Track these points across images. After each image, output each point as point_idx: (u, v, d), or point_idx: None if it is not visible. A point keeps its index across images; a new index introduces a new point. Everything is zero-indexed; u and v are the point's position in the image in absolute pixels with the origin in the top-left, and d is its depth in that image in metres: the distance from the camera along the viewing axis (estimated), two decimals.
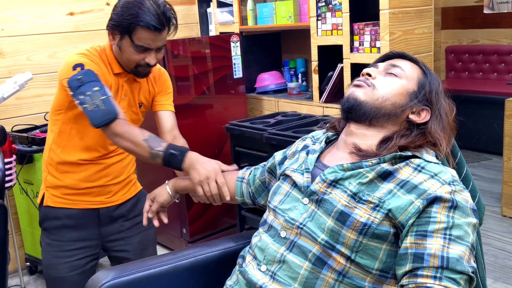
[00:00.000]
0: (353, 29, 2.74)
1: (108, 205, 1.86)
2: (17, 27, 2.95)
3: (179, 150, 1.55)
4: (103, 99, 1.55)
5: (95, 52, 1.72)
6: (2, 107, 2.84)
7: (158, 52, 1.69)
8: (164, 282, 1.41)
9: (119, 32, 1.64)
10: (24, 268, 3.03)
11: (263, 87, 3.45)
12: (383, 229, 1.09)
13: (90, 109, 1.55)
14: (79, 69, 1.60)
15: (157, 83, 1.88)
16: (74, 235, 1.83)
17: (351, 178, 1.16)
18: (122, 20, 1.61)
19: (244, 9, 3.43)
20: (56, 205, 1.83)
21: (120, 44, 1.67)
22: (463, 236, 1.05)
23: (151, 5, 1.60)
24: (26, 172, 2.80)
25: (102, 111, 1.54)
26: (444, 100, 1.27)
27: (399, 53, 1.34)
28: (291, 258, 1.16)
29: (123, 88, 1.77)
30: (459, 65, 5.14)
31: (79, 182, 1.80)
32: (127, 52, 1.66)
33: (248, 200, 1.54)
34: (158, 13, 1.60)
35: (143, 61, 1.67)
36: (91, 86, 1.57)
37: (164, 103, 1.89)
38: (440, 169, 1.14)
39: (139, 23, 1.58)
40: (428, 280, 1.01)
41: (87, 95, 1.55)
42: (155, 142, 1.57)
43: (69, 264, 1.82)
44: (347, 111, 1.26)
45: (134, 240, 1.92)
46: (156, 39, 1.63)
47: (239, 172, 1.57)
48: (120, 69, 1.74)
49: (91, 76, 1.59)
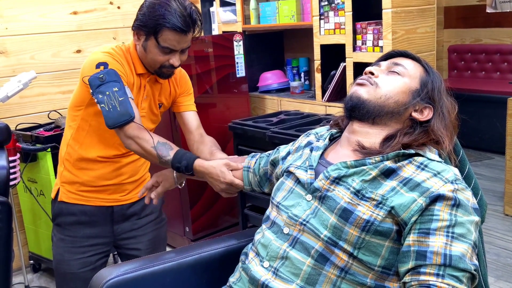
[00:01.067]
0: (355, 28, 2.74)
1: (122, 203, 1.88)
2: (21, 26, 2.96)
3: (184, 166, 1.55)
4: (121, 100, 1.55)
5: (120, 51, 1.71)
6: (6, 105, 2.86)
7: (183, 54, 1.69)
8: (167, 279, 1.42)
9: (144, 32, 1.64)
10: (28, 266, 3.05)
11: (265, 86, 3.45)
12: (385, 226, 1.10)
13: (106, 109, 1.55)
14: (102, 67, 1.60)
15: (179, 85, 1.88)
16: (88, 231, 1.84)
17: (354, 175, 1.17)
18: (148, 20, 1.60)
19: (247, 8, 3.44)
20: (71, 201, 1.84)
21: (145, 44, 1.66)
22: (465, 234, 1.05)
23: (177, 6, 1.59)
24: (30, 170, 2.81)
25: (118, 112, 1.54)
26: (446, 98, 1.28)
27: (402, 52, 1.34)
28: (294, 254, 1.16)
29: (145, 88, 1.77)
30: (462, 64, 5.13)
31: (95, 179, 1.81)
32: (152, 52, 1.66)
33: (256, 188, 1.57)
34: (185, 14, 1.59)
35: (167, 62, 1.66)
36: (112, 86, 1.56)
37: (187, 104, 1.91)
38: (443, 167, 1.14)
39: (166, 24, 1.57)
40: (430, 277, 1.02)
41: (106, 95, 1.55)
42: (163, 150, 1.58)
43: (81, 260, 1.84)
44: (351, 110, 1.27)
45: (145, 239, 1.94)
46: (182, 40, 1.63)
47: (244, 162, 1.59)
48: (143, 69, 1.74)
49: (113, 76, 1.58)
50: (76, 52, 3.16)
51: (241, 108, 3.28)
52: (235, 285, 1.28)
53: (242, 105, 3.30)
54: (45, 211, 2.76)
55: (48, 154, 2.70)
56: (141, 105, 1.77)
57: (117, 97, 1.54)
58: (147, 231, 1.94)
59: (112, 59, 1.64)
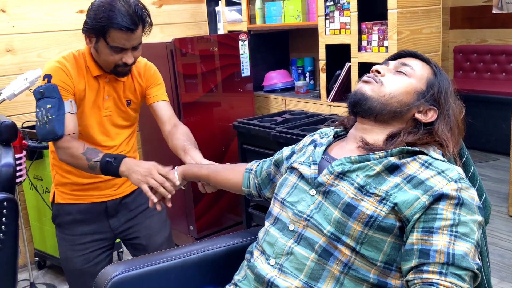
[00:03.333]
0: (361, 28, 2.74)
1: (114, 197, 1.92)
2: (27, 25, 2.98)
3: (114, 157, 1.64)
4: (50, 118, 1.65)
5: (71, 58, 1.76)
6: (13, 103, 2.87)
7: (135, 50, 1.72)
8: (172, 276, 1.43)
9: (94, 35, 1.68)
10: (33, 263, 3.07)
11: (270, 85, 3.46)
12: (388, 222, 1.10)
13: (38, 125, 1.67)
14: (46, 80, 1.70)
15: (144, 78, 1.90)
16: (85, 229, 1.89)
17: (358, 171, 1.18)
18: (95, 23, 1.64)
19: (253, 7, 3.45)
20: (66, 201, 1.89)
21: (96, 46, 1.70)
22: (468, 233, 1.06)
23: (122, 5, 1.62)
24: (35, 168, 2.83)
25: (46, 130, 1.66)
26: (453, 101, 1.27)
27: (411, 52, 1.35)
28: (298, 250, 1.17)
29: (104, 89, 1.81)
30: (467, 65, 5.12)
31: (82, 178, 1.85)
32: (103, 53, 1.70)
33: (254, 192, 1.56)
34: (130, 13, 1.62)
35: (120, 61, 1.70)
36: (47, 103, 1.66)
37: (156, 94, 1.92)
38: (447, 166, 1.15)
39: (112, 25, 1.61)
40: (433, 276, 1.02)
41: (41, 110, 1.67)
42: (92, 154, 1.66)
43: (83, 257, 1.88)
44: (353, 105, 1.28)
45: (142, 226, 1.97)
46: (130, 38, 1.66)
47: (247, 164, 1.60)
48: (99, 71, 1.78)
49: (52, 92, 1.67)
50: None
51: (246, 107, 3.29)
52: (240, 283, 1.28)
53: (247, 104, 3.30)
54: (50, 208, 2.76)
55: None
56: (104, 105, 1.82)
57: (48, 115, 1.65)
58: (143, 219, 1.97)
59: (58, 70, 1.71)
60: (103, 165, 1.64)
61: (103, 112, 1.82)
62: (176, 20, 3.61)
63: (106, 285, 1.33)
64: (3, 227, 1.71)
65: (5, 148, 1.87)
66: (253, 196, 1.58)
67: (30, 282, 2.79)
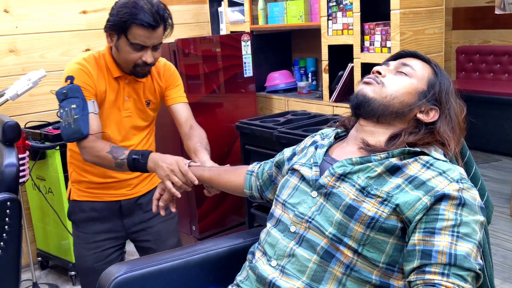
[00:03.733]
0: (363, 29, 2.74)
1: (129, 197, 1.94)
2: (31, 25, 2.99)
3: (141, 154, 1.66)
4: (76, 118, 1.66)
5: (92, 60, 1.78)
6: (16, 103, 2.88)
7: (155, 50, 1.73)
8: (174, 277, 1.44)
9: (115, 32, 1.70)
10: (36, 263, 3.08)
11: (273, 86, 3.46)
12: (390, 223, 1.11)
13: (63, 125, 1.68)
14: (68, 81, 1.71)
15: (163, 79, 1.91)
16: (99, 227, 1.92)
17: (359, 172, 1.18)
18: (118, 20, 1.66)
19: (255, 8, 3.45)
20: (81, 199, 1.92)
21: (117, 44, 1.72)
22: (470, 234, 1.06)
23: (145, 3, 1.65)
24: (38, 168, 2.84)
25: (72, 129, 1.67)
26: (454, 100, 1.27)
27: (411, 52, 1.35)
28: (300, 252, 1.17)
29: (125, 90, 1.82)
30: (470, 65, 5.12)
31: (98, 177, 1.87)
32: (124, 51, 1.71)
33: (256, 193, 1.57)
34: (152, 11, 1.65)
35: (140, 60, 1.71)
36: (71, 103, 1.67)
37: (174, 96, 1.94)
38: (449, 166, 1.15)
39: (134, 21, 1.64)
40: (435, 276, 1.02)
41: (65, 111, 1.68)
42: (119, 152, 1.67)
43: (96, 255, 1.91)
44: (356, 107, 1.28)
45: (154, 230, 1.98)
46: (151, 36, 1.67)
47: (249, 166, 1.61)
48: (119, 72, 1.79)
49: (75, 92, 1.69)
50: (85, 51, 3.18)
51: (248, 108, 3.29)
52: (242, 283, 1.29)
53: (249, 105, 3.31)
54: (53, 209, 2.78)
55: (57, 152, 2.73)
56: (124, 106, 1.83)
57: (73, 114, 1.66)
58: (155, 223, 1.99)
59: (80, 72, 1.72)
60: (131, 162, 1.66)
61: (123, 113, 1.84)
62: (178, 20, 3.61)
63: (109, 285, 1.34)
64: (6, 227, 1.72)
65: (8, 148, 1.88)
66: (255, 198, 1.59)
67: (32, 282, 2.79)
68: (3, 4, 2.88)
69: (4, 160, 1.82)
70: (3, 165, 1.80)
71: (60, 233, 2.86)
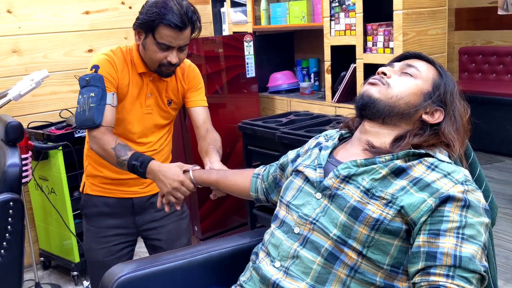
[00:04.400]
0: (366, 29, 2.74)
1: (142, 195, 1.95)
2: (33, 25, 2.99)
3: (140, 161, 1.65)
4: (91, 106, 1.67)
5: (120, 52, 1.80)
6: (18, 104, 2.89)
7: (181, 52, 1.74)
8: (177, 277, 1.44)
9: (143, 30, 1.72)
10: (38, 263, 3.08)
11: (275, 86, 3.46)
12: (395, 225, 1.10)
13: (78, 111, 1.69)
14: (93, 70, 1.72)
15: (186, 80, 1.92)
16: (110, 222, 1.94)
17: (364, 174, 1.17)
18: (147, 18, 1.68)
19: (258, 9, 3.45)
20: (94, 193, 1.94)
21: (144, 43, 1.73)
22: (475, 236, 1.06)
23: (174, 4, 1.67)
24: (41, 168, 2.84)
25: (85, 117, 1.68)
26: (459, 101, 1.27)
27: (416, 54, 1.34)
28: (304, 253, 1.17)
29: (148, 86, 1.83)
30: (473, 66, 5.11)
31: (113, 173, 1.88)
32: (150, 50, 1.72)
33: (261, 196, 1.57)
34: (181, 12, 1.66)
35: (165, 60, 1.72)
36: (90, 91, 1.69)
37: (194, 99, 1.95)
38: (453, 168, 1.15)
39: (162, 21, 1.65)
40: (440, 278, 1.02)
41: (84, 97, 1.69)
42: (122, 151, 1.68)
43: (106, 249, 1.93)
44: (361, 108, 1.28)
45: (165, 230, 2.00)
46: (178, 37, 1.68)
47: (255, 169, 1.61)
48: (144, 68, 1.81)
49: (97, 81, 1.70)
50: (88, 51, 3.19)
51: (251, 108, 3.29)
52: (245, 284, 1.29)
53: (252, 105, 3.31)
54: (55, 209, 2.79)
55: (60, 152, 2.73)
56: (146, 102, 1.84)
57: (89, 102, 1.67)
58: (167, 222, 2.00)
59: (106, 62, 1.74)
60: (130, 167, 1.67)
61: (144, 110, 1.85)
62: None
63: (112, 285, 1.34)
64: (9, 227, 1.72)
65: (11, 149, 1.88)
66: (261, 201, 1.59)
67: (35, 282, 2.80)
68: (6, 5, 2.89)
69: (7, 160, 1.82)
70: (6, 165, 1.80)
71: (63, 233, 2.86)
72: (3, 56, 2.90)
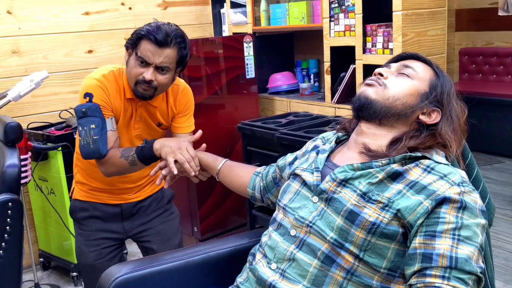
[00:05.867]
0: (365, 30, 2.74)
1: (130, 201, 1.97)
2: (33, 26, 2.99)
3: (145, 141, 1.72)
4: (95, 139, 1.69)
5: (112, 77, 1.78)
6: (18, 104, 2.89)
7: (161, 73, 1.70)
8: (175, 277, 1.44)
9: (131, 47, 1.72)
10: (38, 264, 3.08)
11: (275, 87, 3.46)
12: (391, 228, 1.10)
13: (82, 144, 1.71)
14: (87, 99, 1.73)
15: (177, 105, 1.91)
16: (100, 225, 1.95)
17: (361, 178, 1.17)
18: (135, 35, 1.70)
19: (257, 9, 3.45)
20: (83, 199, 1.95)
21: (128, 60, 1.74)
22: (471, 237, 1.05)
23: (162, 24, 1.69)
24: (40, 169, 2.84)
25: (91, 149, 1.70)
26: (456, 102, 1.27)
27: (412, 54, 1.34)
28: (301, 256, 1.17)
29: (137, 111, 1.83)
30: (473, 67, 5.10)
31: (100, 183, 1.91)
32: (130, 65, 1.72)
33: (257, 194, 1.58)
34: (167, 32, 1.66)
35: (141, 76, 1.69)
36: (90, 122, 1.70)
37: (181, 126, 1.93)
38: (450, 170, 1.14)
39: (145, 36, 1.66)
40: (436, 279, 1.02)
41: (84, 130, 1.70)
42: (127, 151, 1.72)
43: (96, 252, 1.94)
44: (358, 109, 1.28)
45: (155, 231, 2.01)
46: (157, 53, 1.66)
47: (258, 168, 1.62)
48: (133, 94, 1.78)
49: (94, 111, 1.71)
50: (88, 52, 3.19)
51: (250, 109, 3.29)
52: (242, 285, 1.29)
53: (251, 106, 3.31)
54: (55, 210, 2.79)
55: (59, 153, 2.73)
56: (135, 126, 1.85)
57: (92, 135, 1.69)
58: (156, 224, 2.01)
59: (99, 89, 1.73)
60: (139, 152, 1.69)
61: (133, 132, 1.86)
62: (181, 22, 3.61)
63: (110, 285, 1.34)
64: (8, 227, 1.72)
65: (10, 149, 1.89)
66: (256, 200, 1.59)
67: (34, 282, 2.80)
68: (6, 5, 2.89)
69: (5, 161, 1.82)
70: (4, 166, 1.80)
71: (62, 234, 2.86)
72: (3, 57, 2.90)
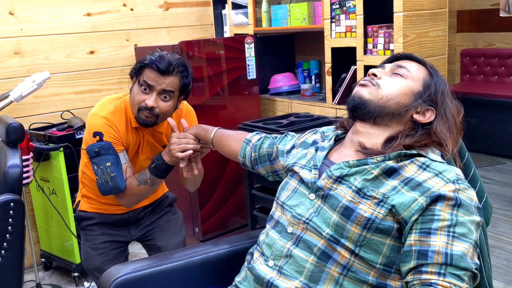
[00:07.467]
0: (366, 31, 2.75)
1: (136, 207, 2.01)
2: (35, 27, 3.00)
3: (154, 160, 1.76)
4: (112, 176, 1.73)
5: (119, 111, 1.80)
6: (20, 105, 2.90)
7: (163, 100, 1.73)
8: (175, 278, 1.44)
9: (135, 75, 1.76)
10: (39, 264, 3.09)
11: (276, 88, 3.47)
12: (386, 224, 1.11)
13: (100, 182, 1.75)
14: (97, 138, 1.76)
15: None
16: (106, 230, 2.00)
17: (356, 175, 1.18)
18: (138, 64, 1.74)
19: (259, 11, 3.46)
20: (90, 210, 1.99)
21: (132, 88, 1.77)
22: (466, 234, 1.06)
23: (166, 53, 1.73)
24: (42, 169, 2.85)
25: (109, 187, 1.74)
26: (450, 101, 1.28)
27: (406, 55, 1.36)
28: (297, 252, 1.18)
29: (144, 138, 1.88)
30: (474, 68, 5.10)
31: (108, 200, 1.93)
32: (133, 93, 1.75)
33: (248, 163, 1.61)
34: (170, 60, 1.70)
35: (144, 103, 1.71)
36: (105, 161, 1.73)
37: None
38: (445, 167, 1.15)
39: (148, 64, 1.70)
40: (432, 276, 1.03)
41: (100, 169, 1.73)
42: (143, 176, 1.78)
43: (103, 254, 1.97)
44: (353, 109, 1.30)
45: (160, 229, 2.06)
46: (160, 80, 1.69)
47: (248, 134, 1.64)
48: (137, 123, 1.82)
49: (107, 150, 1.74)
50: (89, 53, 3.21)
51: (252, 110, 3.30)
52: (240, 284, 1.29)
53: (253, 107, 3.31)
54: (57, 210, 2.80)
55: (61, 154, 2.74)
56: (143, 151, 1.90)
57: (109, 172, 1.72)
58: (160, 223, 2.06)
59: (107, 127, 1.76)
60: (154, 172, 1.75)
61: (142, 157, 1.90)
62: (182, 23, 3.63)
63: (110, 286, 1.35)
64: (10, 228, 1.73)
65: (12, 150, 1.89)
66: (247, 167, 1.63)
67: (36, 283, 2.80)
68: (8, 6, 2.90)
69: (7, 161, 1.83)
70: (6, 166, 1.81)
71: (64, 235, 2.87)
72: (4, 58, 2.92)
